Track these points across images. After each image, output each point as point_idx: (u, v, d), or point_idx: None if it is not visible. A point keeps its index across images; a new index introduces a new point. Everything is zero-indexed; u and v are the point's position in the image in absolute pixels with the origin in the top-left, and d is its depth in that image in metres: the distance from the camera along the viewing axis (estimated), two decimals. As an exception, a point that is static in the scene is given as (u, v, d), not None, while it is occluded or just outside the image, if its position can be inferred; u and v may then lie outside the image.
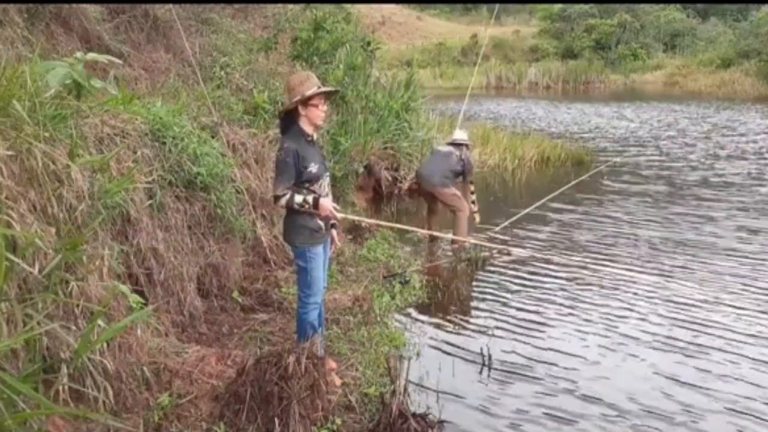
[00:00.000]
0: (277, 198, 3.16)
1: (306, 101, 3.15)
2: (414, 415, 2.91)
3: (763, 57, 27.84)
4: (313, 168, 3.18)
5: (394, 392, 2.92)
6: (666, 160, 11.23)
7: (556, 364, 3.83)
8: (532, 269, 5.57)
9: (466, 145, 6.49)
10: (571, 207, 7.80)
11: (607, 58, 36.47)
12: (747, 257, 5.80)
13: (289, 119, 3.25)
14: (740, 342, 4.09)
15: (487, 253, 5.85)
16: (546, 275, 5.41)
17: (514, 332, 4.30)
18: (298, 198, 3.14)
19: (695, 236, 6.52)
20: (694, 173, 10.03)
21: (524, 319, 4.51)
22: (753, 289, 4.99)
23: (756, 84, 26.83)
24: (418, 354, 3.93)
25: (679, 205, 7.93)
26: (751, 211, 7.59)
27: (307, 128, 3.24)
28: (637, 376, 3.68)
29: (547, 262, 5.74)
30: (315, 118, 3.22)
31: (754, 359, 3.86)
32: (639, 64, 35.61)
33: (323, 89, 3.21)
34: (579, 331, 4.31)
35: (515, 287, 5.15)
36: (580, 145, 12.07)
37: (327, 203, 3.20)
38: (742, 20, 34.68)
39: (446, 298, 4.93)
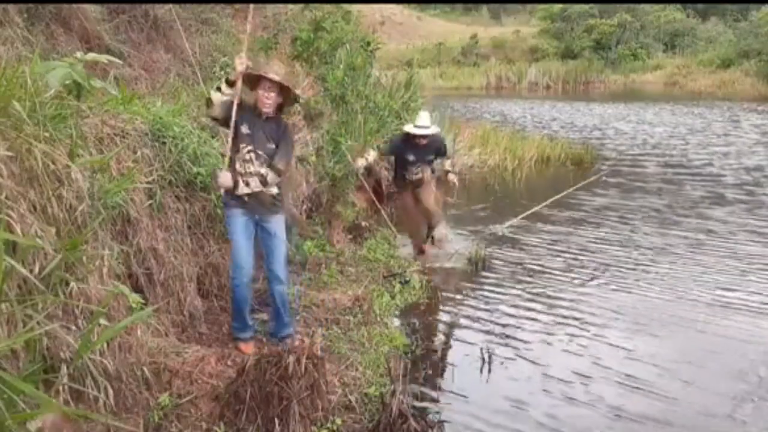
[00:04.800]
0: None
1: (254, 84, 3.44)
2: (414, 415, 2.91)
3: (763, 57, 27.90)
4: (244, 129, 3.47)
5: (394, 392, 2.92)
6: (693, 171, 10.18)
7: (556, 365, 3.84)
8: (532, 270, 5.57)
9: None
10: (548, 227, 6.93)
11: (607, 58, 36.52)
12: (732, 306, 4.64)
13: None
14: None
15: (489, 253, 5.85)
16: (546, 276, 5.41)
17: (514, 332, 4.30)
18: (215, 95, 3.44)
19: (679, 267, 5.52)
20: (714, 188, 8.85)
21: (524, 319, 4.51)
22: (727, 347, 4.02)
23: (756, 84, 26.84)
24: (418, 354, 3.93)
25: (682, 227, 6.85)
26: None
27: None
28: (638, 378, 3.69)
29: (548, 263, 5.75)
30: (258, 103, 3.47)
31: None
32: (639, 64, 35.67)
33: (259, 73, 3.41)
34: (580, 331, 4.31)
35: (515, 287, 5.15)
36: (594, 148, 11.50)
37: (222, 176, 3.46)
38: (742, 20, 34.71)
39: (446, 298, 4.93)
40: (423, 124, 5.67)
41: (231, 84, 3.37)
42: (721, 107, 20.18)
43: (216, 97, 3.39)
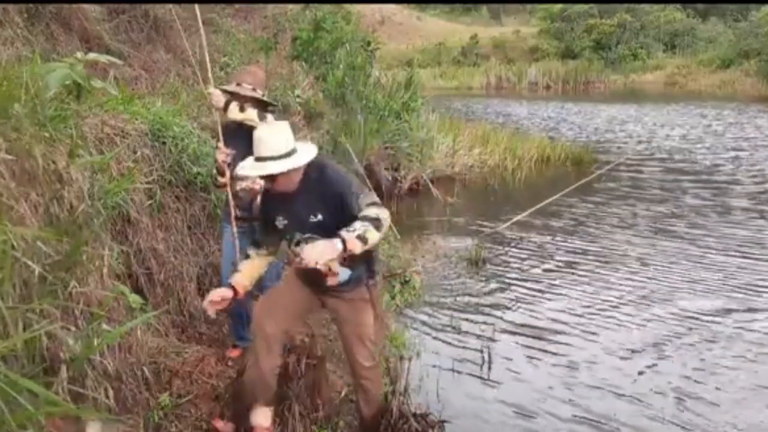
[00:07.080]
0: None
1: None
2: (414, 415, 2.91)
3: (763, 57, 27.85)
4: None
5: (394, 392, 2.92)
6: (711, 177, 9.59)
7: (556, 365, 3.84)
8: (532, 269, 5.58)
9: None
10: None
11: (607, 58, 36.49)
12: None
13: None
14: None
15: (488, 253, 5.85)
16: (546, 276, 5.41)
17: (514, 332, 4.30)
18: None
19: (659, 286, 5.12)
20: (725, 196, 8.35)
21: (524, 319, 4.51)
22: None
23: (756, 84, 26.81)
24: (418, 354, 3.93)
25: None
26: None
27: None
28: (638, 381, 3.68)
29: (548, 263, 5.75)
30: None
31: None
32: (639, 64, 35.65)
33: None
34: (579, 331, 4.32)
35: (515, 287, 5.15)
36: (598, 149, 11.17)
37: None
38: (742, 20, 34.67)
39: (446, 298, 4.93)
40: (265, 152, 2.31)
41: (222, 174, 3.26)
42: (731, 108, 19.61)
43: (218, 184, 3.33)
